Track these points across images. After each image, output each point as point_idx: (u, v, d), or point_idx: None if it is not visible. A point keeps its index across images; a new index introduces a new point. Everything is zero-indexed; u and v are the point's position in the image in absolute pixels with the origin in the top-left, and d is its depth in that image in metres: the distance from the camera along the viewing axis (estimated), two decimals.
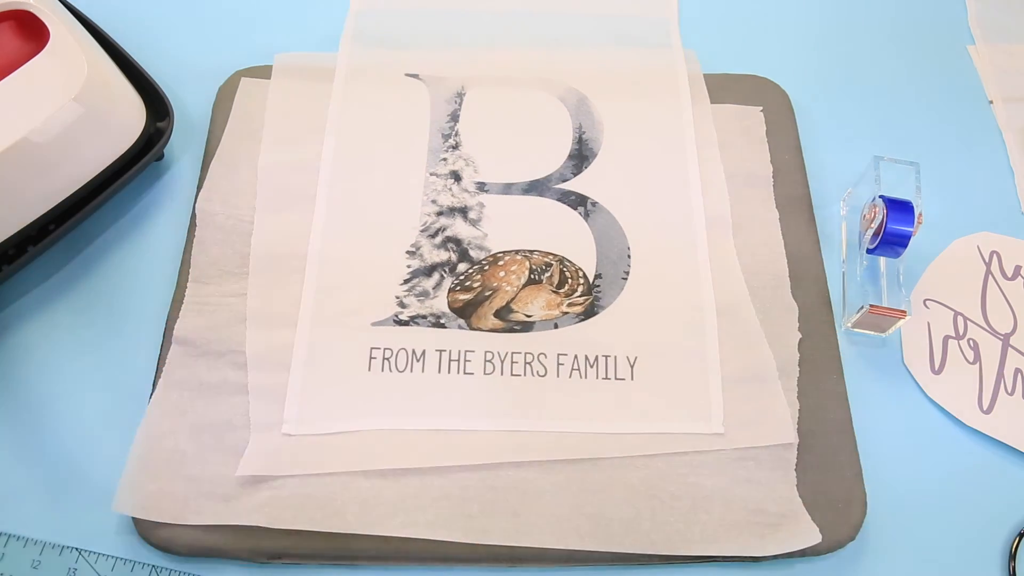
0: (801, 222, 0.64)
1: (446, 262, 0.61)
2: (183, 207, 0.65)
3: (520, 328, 0.58)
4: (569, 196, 0.65)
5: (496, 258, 0.61)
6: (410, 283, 0.60)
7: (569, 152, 0.67)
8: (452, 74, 0.71)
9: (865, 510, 0.53)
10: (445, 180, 0.65)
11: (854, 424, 0.56)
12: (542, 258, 0.61)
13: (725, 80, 0.71)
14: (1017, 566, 0.53)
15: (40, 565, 0.51)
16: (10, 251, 0.58)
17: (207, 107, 0.69)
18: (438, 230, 0.63)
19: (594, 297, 0.60)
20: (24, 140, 0.54)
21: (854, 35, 0.77)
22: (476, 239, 0.62)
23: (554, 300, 0.59)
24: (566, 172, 0.66)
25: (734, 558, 0.51)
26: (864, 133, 0.71)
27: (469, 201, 0.64)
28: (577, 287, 0.60)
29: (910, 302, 0.60)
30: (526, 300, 0.60)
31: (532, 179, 0.65)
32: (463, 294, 0.60)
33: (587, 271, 0.61)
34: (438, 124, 0.68)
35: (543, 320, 0.59)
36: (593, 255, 0.62)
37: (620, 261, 0.62)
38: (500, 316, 0.59)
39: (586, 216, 0.63)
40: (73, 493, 0.53)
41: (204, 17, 0.76)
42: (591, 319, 0.59)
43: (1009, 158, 0.69)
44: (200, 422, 0.54)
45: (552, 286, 0.60)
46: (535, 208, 0.64)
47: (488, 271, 0.61)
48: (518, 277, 0.61)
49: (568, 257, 0.61)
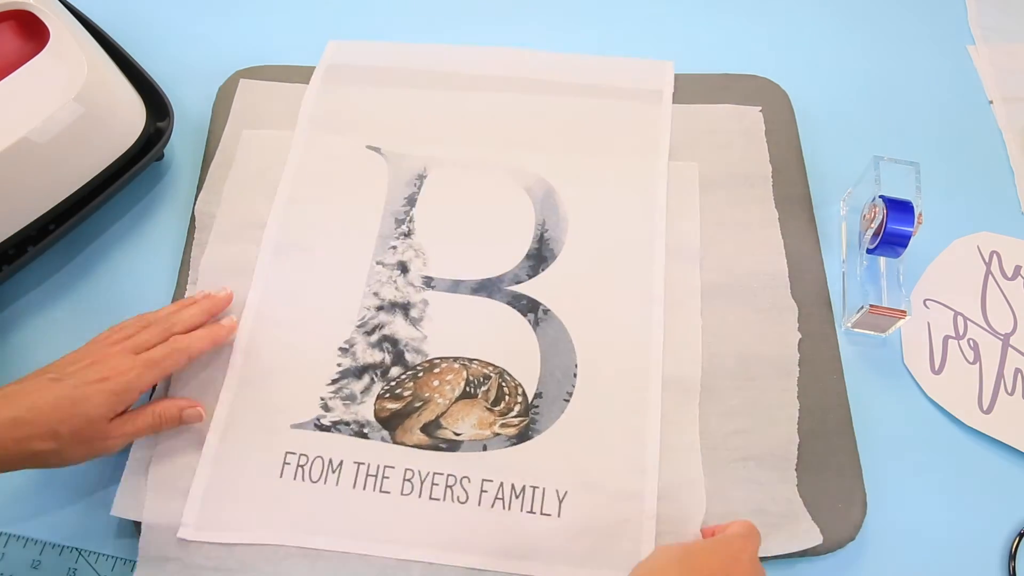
0: (801, 222, 0.64)
1: (379, 364, 0.56)
2: (183, 207, 0.65)
3: (446, 447, 0.54)
4: (521, 300, 0.59)
5: (432, 364, 0.57)
6: (338, 384, 0.56)
7: (528, 251, 0.61)
8: (416, 152, 0.66)
9: (865, 510, 0.53)
10: (391, 271, 0.60)
11: (854, 424, 0.56)
12: (481, 369, 0.56)
13: (725, 80, 0.71)
14: (1017, 566, 0.53)
15: (40, 565, 0.51)
16: (10, 251, 0.58)
17: (207, 107, 0.69)
18: (376, 327, 0.58)
19: (530, 419, 0.55)
20: (24, 140, 0.54)
21: (854, 35, 0.77)
22: (414, 341, 0.57)
23: (487, 419, 0.55)
24: (521, 273, 0.60)
25: None
26: (864, 133, 0.70)
27: (413, 297, 0.59)
28: (514, 406, 0.55)
29: (910, 302, 0.60)
30: (457, 416, 0.55)
31: (484, 277, 0.60)
32: (392, 403, 0.55)
33: (527, 387, 0.56)
34: (393, 207, 0.63)
35: (472, 440, 0.54)
36: (537, 370, 0.56)
37: (565, 380, 0.56)
38: (427, 431, 0.54)
39: (535, 324, 0.58)
40: (73, 493, 0.53)
41: (204, 17, 0.76)
42: (524, 443, 0.54)
43: (1009, 158, 0.69)
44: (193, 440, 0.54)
45: (487, 402, 0.55)
46: (482, 310, 0.59)
47: (421, 379, 0.56)
48: (452, 389, 0.56)
49: (509, 370, 0.56)
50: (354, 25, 0.76)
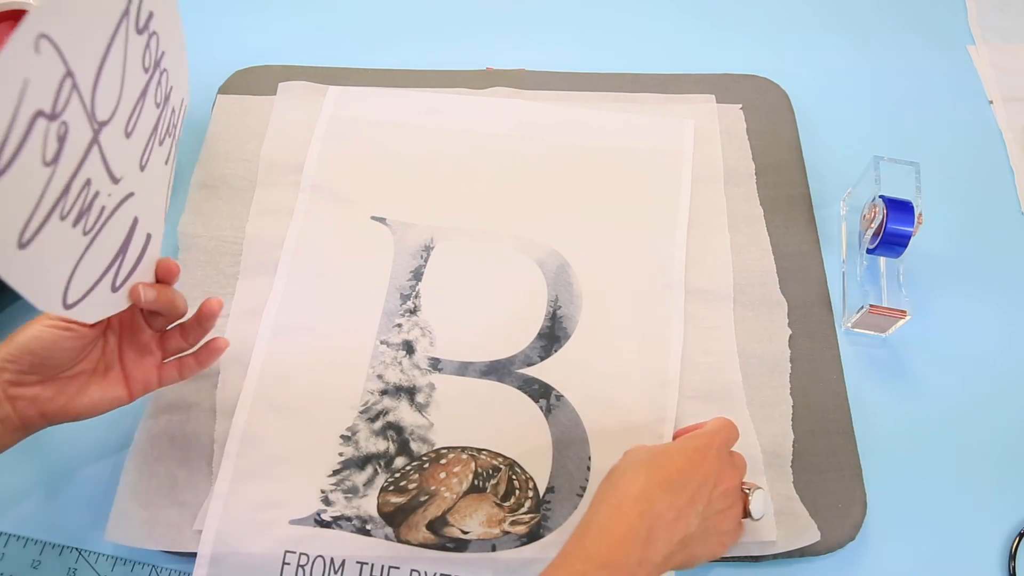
0: (801, 222, 0.64)
1: (383, 453, 0.53)
2: (183, 208, 0.64)
3: (453, 546, 0.50)
4: (532, 384, 0.56)
5: (439, 454, 0.53)
6: (339, 475, 0.52)
7: (540, 330, 0.58)
8: (422, 221, 0.62)
9: (865, 510, 0.53)
10: (396, 351, 0.56)
11: (854, 424, 0.56)
12: (490, 460, 0.53)
13: (725, 80, 0.71)
14: (1017, 566, 0.52)
15: (40, 565, 0.51)
16: None
17: (207, 107, 0.69)
18: (379, 413, 0.54)
19: (542, 515, 0.51)
20: None
21: (854, 35, 0.77)
22: (420, 428, 0.54)
23: (496, 515, 0.51)
24: (533, 354, 0.57)
25: (735, 557, 0.51)
26: (864, 133, 0.70)
27: (419, 380, 0.55)
28: (524, 501, 0.51)
29: (910, 302, 0.60)
30: (465, 512, 0.51)
31: (493, 359, 0.57)
32: (396, 496, 0.51)
33: (539, 481, 0.52)
34: (398, 282, 0.59)
35: (480, 539, 0.50)
36: (548, 461, 0.53)
37: (578, 473, 0.52)
38: (433, 529, 0.51)
39: (548, 411, 0.55)
40: (73, 493, 0.53)
41: (203, 17, 0.76)
42: (535, 543, 0.50)
43: (1009, 158, 0.69)
44: (191, 446, 0.53)
45: (496, 497, 0.52)
46: (492, 395, 0.55)
47: (428, 470, 0.52)
48: (460, 482, 0.52)
49: (519, 461, 0.53)
50: (354, 25, 0.76)
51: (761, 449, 0.54)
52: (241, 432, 0.53)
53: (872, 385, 0.59)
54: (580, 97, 0.70)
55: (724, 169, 0.66)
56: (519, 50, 0.74)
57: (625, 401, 0.55)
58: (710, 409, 0.55)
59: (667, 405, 0.55)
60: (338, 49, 0.74)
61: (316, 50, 0.73)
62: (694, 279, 0.60)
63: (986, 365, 0.60)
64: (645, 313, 0.59)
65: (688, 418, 0.54)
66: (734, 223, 0.63)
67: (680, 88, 0.70)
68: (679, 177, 0.65)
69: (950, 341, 0.60)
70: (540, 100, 0.69)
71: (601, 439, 0.54)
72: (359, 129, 0.67)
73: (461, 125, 0.67)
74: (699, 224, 0.63)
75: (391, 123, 0.67)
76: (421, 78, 0.71)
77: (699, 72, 0.72)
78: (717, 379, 0.56)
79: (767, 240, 0.62)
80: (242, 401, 0.54)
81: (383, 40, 0.75)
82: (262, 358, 0.56)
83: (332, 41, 0.75)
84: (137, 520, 0.51)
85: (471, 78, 0.71)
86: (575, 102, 0.69)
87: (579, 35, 0.76)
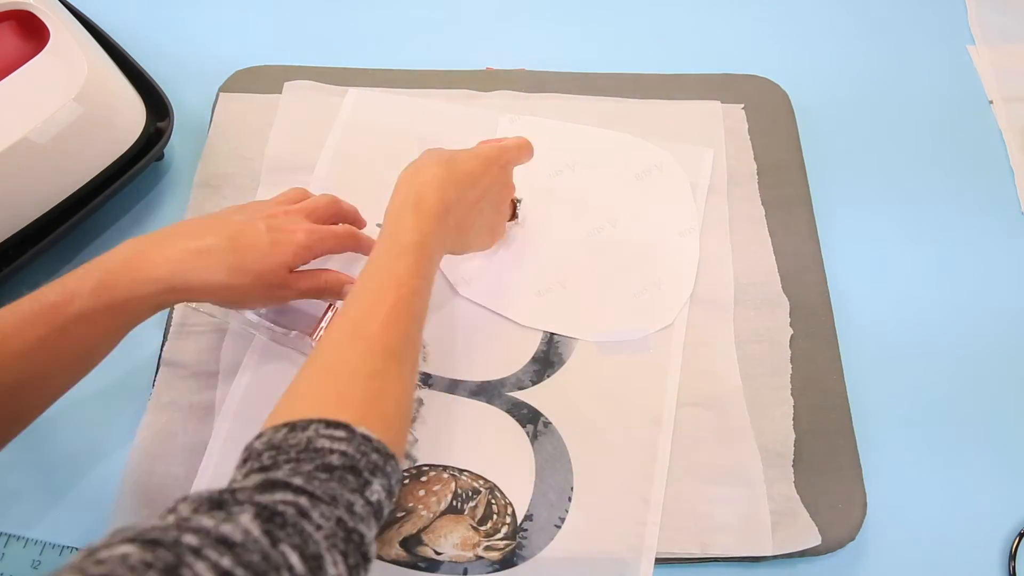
0: (801, 222, 0.64)
1: None
2: (183, 208, 0.64)
3: (425, 566, 0.49)
4: (521, 409, 0.55)
5: (420, 471, 0.52)
6: None
7: (535, 354, 0.57)
8: None
9: (865, 510, 0.53)
10: None
11: (854, 424, 0.56)
12: (471, 481, 0.52)
13: (725, 80, 0.71)
14: (1017, 566, 0.52)
15: (40, 565, 0.51)
16: (10, 251, 0.58)
17: (207, 107, 0.69)
18: None
19: (517, 543, 0.50)
20: (24, 140, 0.54)
21: (854, 35, 0.77)
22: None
23: (471, 538, 0.50)
24: (525, 378, 0.56)
25: (735, 558, 0.51)
26: (864, 133, 0.70)
27: None
28: (501, 527, 0.51)
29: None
30: (440, 532, 0.50)
31: (484, 379, 0.56)
32: None
33: (518, 507, 0.51)
34: None
35: (453, 561, 0.50)
36: (530, 488, 0.52)
37: (559, 503, 0.51)
38: (407, 546, 0.50)
39: (534, 437, 0.54)
40: (73, 493, 0.53)
41: (204, 17, 0.76)
42: (507, 570, 0.49)
43: (1009, 158, 0.69)
44: (191, 444, 0.53)
45: (473, 520, 0.51)
46: (479, 416, 0.54)
47: (408, 486, 0.52)
48: (438, 501, 0.51)
49: (500, 486, 0.52)
50: (355, 25, 0.76)
51: (762, 449, 0.54)
52: (222, 440, 0.53)
53: (872, 385, 0.58)
54: (583, 100, 0.69)
55: (727, 169, 0.66)
56: (519, 50, 0.74)
57: (615, 436, 0.54)
58: (709, 416, 0.55)
59: (659, 445, 0.54)
60: (338, 49, 0.74)
61: (316, 50, 0.73)
62: (695, 287, 0.60)
63: (986, 365, 0.59)
64: (643, 351, 0.58)
65: (686, 425, 0.54)
66: (735, 223, 0.63)
67: (681, 87, 0.70)
68: (692, 207, 0.63)
69: (950, 340, 0.60)
70: (540, 100, 0.69)
71: (586, 472, 0.52)
72: (375, 136, 0.66)
73: (475, 142, 0.66)
74: (702, 232, 0.62)
75: (408, 132, 0.66)
76: (421, 78, 0.71)
77: (700, 72, 0.72)
78: (716, 387, 0.56)
79: (768, 240, 0.62)
80: (225, 409, 0.54)
81: (383, 40, 0.75)
82: (255, 363, 0.56)
83: (332, 41, 0.75)
84: (137, 520, 0.50)
85: (471, 78, 0.71)
86: (579, 105, 0.69)
87: (579, 35, 0.76)
